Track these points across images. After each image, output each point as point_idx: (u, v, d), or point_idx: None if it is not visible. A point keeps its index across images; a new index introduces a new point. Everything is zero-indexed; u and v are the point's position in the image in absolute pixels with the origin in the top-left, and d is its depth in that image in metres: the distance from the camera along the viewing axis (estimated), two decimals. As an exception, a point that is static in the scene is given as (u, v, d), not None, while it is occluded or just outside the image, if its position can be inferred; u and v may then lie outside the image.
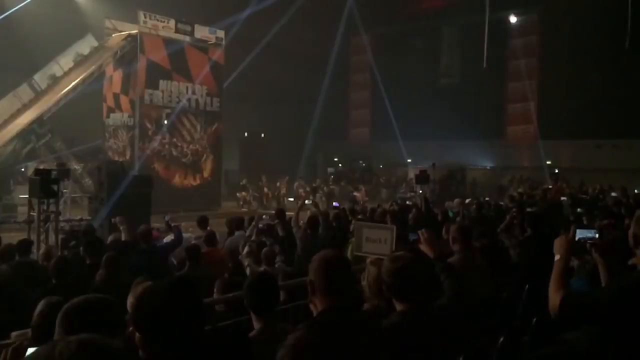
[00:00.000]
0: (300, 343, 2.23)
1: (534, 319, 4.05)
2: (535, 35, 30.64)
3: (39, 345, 2.07)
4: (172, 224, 8.12)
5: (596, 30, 25.97)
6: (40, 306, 3.09)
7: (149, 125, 22.36)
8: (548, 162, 28.41)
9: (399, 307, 2.77)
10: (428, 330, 2.67)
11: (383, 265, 2.85)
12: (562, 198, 14.21)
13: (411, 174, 26.09)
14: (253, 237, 7.74)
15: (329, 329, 2.28)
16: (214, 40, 24.58)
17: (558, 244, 2.93)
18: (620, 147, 26.39)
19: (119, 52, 22.07)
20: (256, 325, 3.10)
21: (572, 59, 27.33)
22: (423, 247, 3.52)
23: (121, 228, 7.81)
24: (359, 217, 9.04)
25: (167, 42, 22.62)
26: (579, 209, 11.36)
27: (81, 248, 6.91)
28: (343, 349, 2.25)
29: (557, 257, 2.90)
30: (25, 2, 21.93)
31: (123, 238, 7.73)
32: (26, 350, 2.03)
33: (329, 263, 2.45)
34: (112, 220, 8.95)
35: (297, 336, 2.27)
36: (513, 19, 30.93)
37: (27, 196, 11.16)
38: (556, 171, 27.09)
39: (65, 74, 21.73)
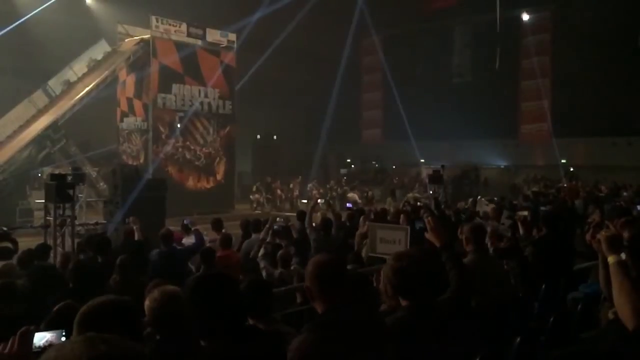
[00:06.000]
0: (305, 345, 2.27)
1: (551, 319, 4.02)
2: (548, 33, 30.42)
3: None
4: (193, 228, 8.14)
5: (609, 28, 25.75)
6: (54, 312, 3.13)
7: (162, 129, 22.50)
8: (563, 161, 28.17)
9: (403, 303, 2.80)
10: (432, 324, 2.69)
11: (387, 263, 2.86)
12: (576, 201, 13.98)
13: (424, 174, 26.00)
14: (268, 239, 7.74)
15: (331, 328, 2.32)
16: (225, 44, 24.69)
17: (609, 242, 2.57)
18: (635, 144, 26.08)
19: (131, 57, 22.24)
20: None
21: (586, 56, 27.10)
22: (429, 236, 3.37)
23: (134, 228, 7.85)
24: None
25: (179, 46, 22.78)
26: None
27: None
28: (347, 346, 2.27)
29: (612, 259, 2.52)
30: (39, 9, 22.18)
31: (136, 238, 7.78)
32: (33, 335, 2.06)
33: (322, 268, 2.49)
34: (126, 220, 9.01)
35: (301, 339, 2.31)
36: (526, 17, 30.71)
37: (43, 201, 11.29)
38: (571, 169, 26.87)
39: (79, 80, 21.92)
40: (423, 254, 2.93)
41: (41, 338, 2.14)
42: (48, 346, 2.13)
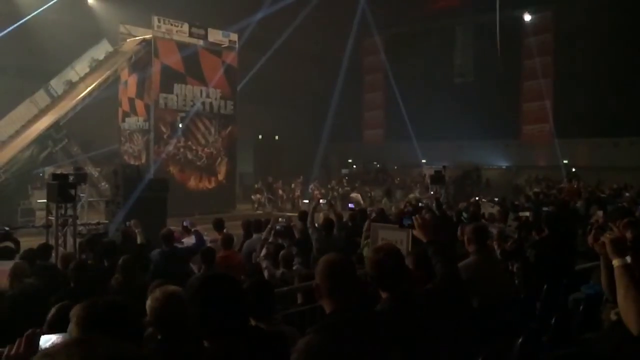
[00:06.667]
0: (311, 347, 2.28)
1: (553, 320, 4.02)
2: (550, 33, 30.36)
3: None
4: (193, 229, 8.14)
5: (611, 28, 25.72)
6: (52, 311, 3.13)
7: (164, 129, 22.51)
8: (565, 161, 28.13)
9: (383, 295, 2.84)
10: (413, 314, 2.74)
11: (366, 256, 2.92)
12: (579, 202, 13.96)
13: (426, 175, 25.98)
14: (270, 239, 7.73)
15: (336, 331, 2.33)
16: (227, 44, 24.70)
17: (613, 245, 2.53)
18: (637, 144, 26.04)
19: (133, 57, 22.26)
20: None
21: (588, 56, 27.06)
22: (416, 233, 3.48)
23: (136, 231, 7.85)
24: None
25: (181, 46, 22.79)
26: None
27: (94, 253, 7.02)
28: (352, 349, 2.29)
29: (617, 263, 2.47)
30: (41, 9, 22.19)
31: (138, 241, 7.78)
32: (39, 338, 2.05)
33: (332, 267, 2.50)
34: (127, 223, 9.00)
35: (306, 341, 2.32)
36: (527, 17, 30.66)
37: (45, 201, 11.29)
38: (573, 170, 26.82)
39: (81, 80, 21.93)
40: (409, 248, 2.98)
41: (47, 340, 2.13)
42: None
